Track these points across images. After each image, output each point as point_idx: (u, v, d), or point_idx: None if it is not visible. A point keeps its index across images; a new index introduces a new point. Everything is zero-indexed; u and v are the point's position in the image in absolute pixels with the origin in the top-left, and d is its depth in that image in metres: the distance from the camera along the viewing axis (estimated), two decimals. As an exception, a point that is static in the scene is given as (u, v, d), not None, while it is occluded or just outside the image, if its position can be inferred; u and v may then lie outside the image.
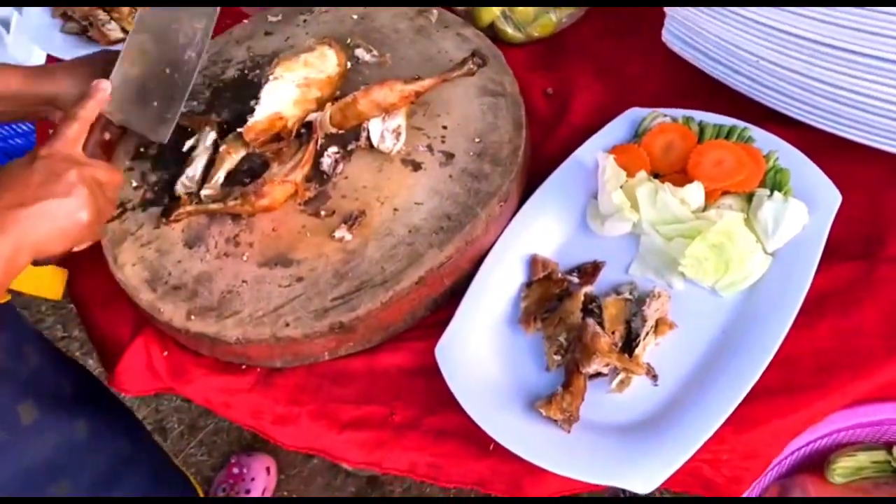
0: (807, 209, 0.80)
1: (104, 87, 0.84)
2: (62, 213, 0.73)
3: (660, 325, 0.78)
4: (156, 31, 0.91)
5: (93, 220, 0.75)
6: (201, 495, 1.26)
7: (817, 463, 0.92)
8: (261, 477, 1.67)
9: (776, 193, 0.81)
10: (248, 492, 1.64)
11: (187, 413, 1.84)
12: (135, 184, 0.96)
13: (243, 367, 0.88)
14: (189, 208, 0.90)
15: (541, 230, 0.88)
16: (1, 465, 0.85)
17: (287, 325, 0.81)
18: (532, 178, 0.93)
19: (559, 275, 0.85)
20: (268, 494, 1.66)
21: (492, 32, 1.06)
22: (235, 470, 1.68)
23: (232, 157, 0.92)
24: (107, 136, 0.89)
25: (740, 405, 0.72)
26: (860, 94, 0.79)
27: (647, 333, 0.77)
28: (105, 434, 0.99)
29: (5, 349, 0.89)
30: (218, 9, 0.92)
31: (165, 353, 0.90)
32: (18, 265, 0.71)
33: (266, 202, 0.88)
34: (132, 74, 0.90)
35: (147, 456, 1.11)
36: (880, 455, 0.91)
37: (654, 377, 0.77)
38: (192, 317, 0.83)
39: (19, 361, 0.91)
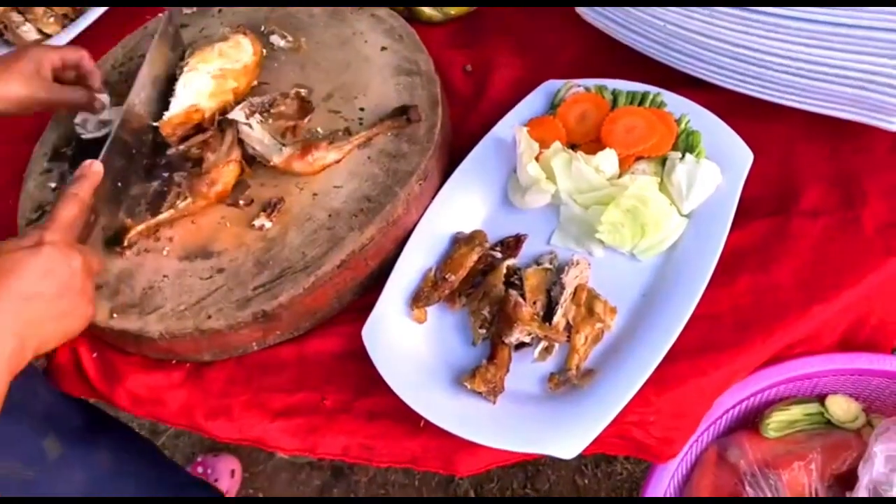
0: (719, 169, 0.81)
1: (97, 169, 0.77)
2: (71, 311, 0.67)
3: (578, 293, 0.78)
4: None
5: (91, 315, 0.71)
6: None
7: (753, 420, 0.94)
8: (224, 479, 1.66)
9: (688, 156, 0.82)
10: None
11: (147, 417, 1.83)
12: (53, 185, 0.94)
13: (173, 362, 0.87)
14: (139, 228, 0.87)
15: (463, 207, 0.88)
16: None
17: (210, 317, 0.80)
18: (455, 156, 0.93)
19: (487, 245, 0.85)
20: (230, 495, 1.65)
21: (409, 12, 1.05)
22: (200, 469, 1.67)
23: None
24: (93, 217, 0.81)
25: (662, 365, 0.72)
26: (762, 52, 0.79)
27: (566, 301, 0.77)
28: (126, 461, 1.00)
29: (21, 388, 0.85)
30: None
31: (95, 355, 0.89)
32: (21, 364, 0.64)
33: (219, 187, 0.86)
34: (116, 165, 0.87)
35: (168, 475, 1.13)
36: (813, 407, 0.92)
37: (576, 344, 0.77)
38: (115, 314, 0.82)
39: (34, 398, 0.90)
